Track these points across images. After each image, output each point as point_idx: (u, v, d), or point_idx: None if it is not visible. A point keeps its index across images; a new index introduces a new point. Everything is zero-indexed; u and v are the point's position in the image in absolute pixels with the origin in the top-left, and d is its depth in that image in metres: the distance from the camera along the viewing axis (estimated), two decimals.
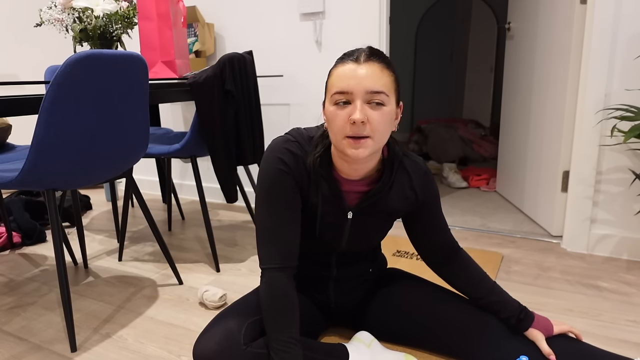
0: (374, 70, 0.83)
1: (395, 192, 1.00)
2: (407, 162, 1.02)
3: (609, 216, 1.84)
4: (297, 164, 0.96)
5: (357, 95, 0.83)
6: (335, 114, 0.86)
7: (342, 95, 0.84)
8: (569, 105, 1.91)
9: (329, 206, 0.98)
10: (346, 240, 1.04)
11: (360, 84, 0.82)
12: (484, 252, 1.90)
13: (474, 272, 1.09)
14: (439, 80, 4.94)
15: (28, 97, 1.15)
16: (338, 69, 0.86)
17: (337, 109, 0.85)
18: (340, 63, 0.87)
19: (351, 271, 1.15)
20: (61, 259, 1.29)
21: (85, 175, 1.35)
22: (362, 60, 0.84)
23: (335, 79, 0.86)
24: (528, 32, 2.31)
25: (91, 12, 1.51)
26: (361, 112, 0.82)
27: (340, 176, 0.98)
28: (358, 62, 0.84)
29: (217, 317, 1.03)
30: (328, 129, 0.90)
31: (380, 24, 2.16)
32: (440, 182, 3.17)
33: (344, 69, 0.85)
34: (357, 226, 1.01)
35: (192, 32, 2.53)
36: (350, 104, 0.84)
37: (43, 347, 1.31)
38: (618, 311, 1.42)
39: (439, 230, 1.10)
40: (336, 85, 0.85)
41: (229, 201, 1.83)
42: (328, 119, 0.88)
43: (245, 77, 1.83)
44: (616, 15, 1.69)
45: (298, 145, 0.97)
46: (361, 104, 0.83)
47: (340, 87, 0.84)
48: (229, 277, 1.75)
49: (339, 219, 1.00)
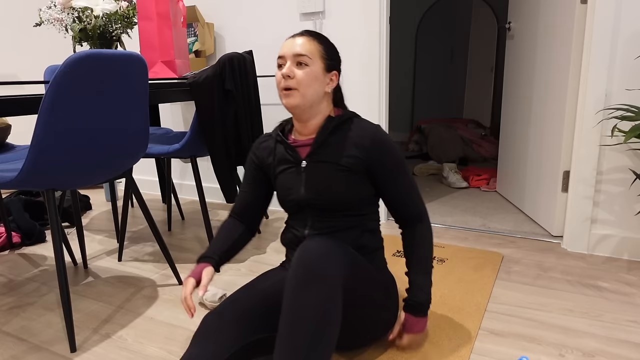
0: (301, 41, 1.12)
1: (342, 144, 1.15)
2: (357, 122, 1.17)
3: (609, 216, 1.84)
4: (260, 143, 1.27)
5: (288, 58, 1.12)
6: (276, 73, 1.15)
7: (280, 60, 1.14)
8: (569, 105, 1.90)
9: (285, 162, 1.20)
10: (303, 187, 1.16)
11: (290, 49, 1.11)
12: (484, 252, 1.90)
13: (416, 250, 1.19)
14: (439, 80, 4.93)
15: (28, 97, 1.15)
16: (283, 44, 1.16)
17: (278, 71, 1.14)
18: (285, 40, 1.17)
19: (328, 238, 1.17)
20: (61, 259, 1.28)
21: (85, 175, 1.35)
22: (296, 36, 1.14)
23: (280, 50, 1.19)
24: (528, 32, 2.30)
25: (91, 11, 1.50)
26: (288, 69, 1.10)
27: (295, 138, 1.22)
28: (294, 37, 1.14)
29: (195, 339, 1.01)
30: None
31: (380, 24, 2.16)
32: (440, 182, 3.17)
33: (285, 42, 1.15)
34: (311, 175, 1.16)
35: (192, 32, 2.53)
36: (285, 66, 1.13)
37: (43, 347, 1.31)
38: (618, 311, 1.42)
39: (398, 195, 1.17)
40: (278, 54, 1.15)
41: (229, 201, 1.83)
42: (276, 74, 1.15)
43: (245, 76, 1.82)
44: (616, 15, 1.69)
45: (275, 129, 1.26)
46: (290, 64, 1.11)
47: (279, 54, 1.15)
48: (229, 277, 1.75)
49: (295, 171, 1.19)
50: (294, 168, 1.18)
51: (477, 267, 1.75)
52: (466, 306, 1.45)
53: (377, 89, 2.22)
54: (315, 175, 1.15)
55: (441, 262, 1.81)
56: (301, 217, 1.19)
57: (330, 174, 1.14)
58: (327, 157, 1.14)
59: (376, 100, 2.24)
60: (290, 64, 1.11)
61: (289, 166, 1.19)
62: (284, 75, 1.10)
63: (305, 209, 1.18)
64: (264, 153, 1.25)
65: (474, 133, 3.97)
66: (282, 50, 1.13)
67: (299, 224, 1.20)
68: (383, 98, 2.24)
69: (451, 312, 1.42)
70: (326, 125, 1.16)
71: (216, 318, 1.03)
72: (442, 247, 1.97)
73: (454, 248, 1.95)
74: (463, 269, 1.74)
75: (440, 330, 1.32)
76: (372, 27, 2.17)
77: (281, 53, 1.13)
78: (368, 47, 2.20)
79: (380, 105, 2.24)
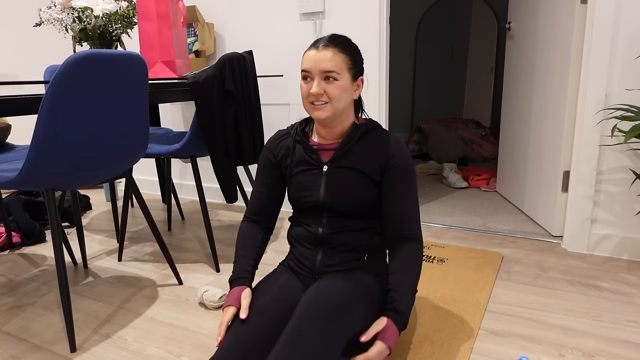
0: (327, 55, 1.10)
1: (365, 152, 1.17)
2: (381, 131, 1.19)
3: (609, 216, 1.84)
4: (277, 141, 1.26)
5: (315, 74, 1.11)
6: (302, 86, 1.15)
7: (306, 73, 1.13)
8: (569, 105, 1.90)
9: (303, 164, 1.21)
10: (323, 190, 1.17)
11: (317, 66, 1.10)
12: (484, 252, 1.90)
13: (407, 265, 1.14)
14: (439, 80, 4.93)
15: (28, 97, 1.15)
16: (305, 54, 1.14)
17: (304, 83, 1.14)
18: (308, 49, 1.15)
19: (341, 239, 1.17)
20: (61, 259, 1.28)
21: (85, 175, 1.35)
22: (320, 47, 1.11)
23: (303, 61, 1.15)
24: (528, 32, 2.30)
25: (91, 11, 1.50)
26: (317, 86, 1.10)
27: (316, 140, 1.22)
28: (317, 48, 1.11)
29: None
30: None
31: (380, 24, 2.16)
32: (440, 182, 3.17)
33: (308, 54, 1.13)
34: (332, 179, 1.17)
35: (192, 32, 2.53)
36: (312, 80, 1.12)
37: (42, 347, 1.31)
38: (618, 311, 1.42)
39: (402, 211, 1.15)
40: (302, 66, 1.14)
41: (229, 201, 1.83)
42: (300, 89, 1.15)
43: (245, 77, 1.82)
44: (616, 15, 1.69)
45: (290, 127, 1.27)
46: (318, 80, 1.11)
47: (304, 67, 1.13)
48: (228, 277, 1.75)
49: (316, 173, 1.19)
50: (315, 170, 1.19)
51: (477, 267, 1.75)
52: (466, 306, 1.45)
53: (377, 89, 2.22)
54: (336, 180, 1.16)
55: (441, 262, 1.81)
56: (315, 215, 1.20)
57: (351, 180, 1.15)
58: (349, 163, 1.16)
59: (376, 100, 2.23)
60: (318, 80, 1.10)
61: (309, 168, 1.20)
62: (314, 94, 1.10)
63: (321, 209, 1.19)
64: (282, 152, 1.25)
65: (474, 133, 3.97)
66: (307, 65, 1.12)
67: (312, 221, 1.21)
68: (383, 98, 2.24)
69: (451, 312, 1.42)
70: (352, 133, 1.17)
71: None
72: (442, 247, 1.96)
73: (454, 248, 1.95)
74: (463, 269, 1.74)
75: (440, 330, 1.32)
76: (372, 27, 2.17)
77: (307, 67, 1.12)
78: (368, 47, 2.20)
79: (380, 105, 2.24)
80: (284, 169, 1.25)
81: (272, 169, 1.26)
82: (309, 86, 1.12)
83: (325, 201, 1.17)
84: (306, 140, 1.21)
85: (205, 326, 1.40)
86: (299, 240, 1.24)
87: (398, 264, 1.14)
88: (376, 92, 2.23)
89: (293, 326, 0.98)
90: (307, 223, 1.22)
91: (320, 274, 1.18)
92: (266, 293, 1.13)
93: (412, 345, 1.24)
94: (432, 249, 1.94)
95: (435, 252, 1.92)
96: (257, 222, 1.29)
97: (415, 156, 4.04)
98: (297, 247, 1.25)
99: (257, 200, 1.29)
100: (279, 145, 1.25)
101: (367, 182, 1.16)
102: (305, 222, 1.22)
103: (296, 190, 1.21)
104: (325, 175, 1.18)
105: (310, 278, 1.19)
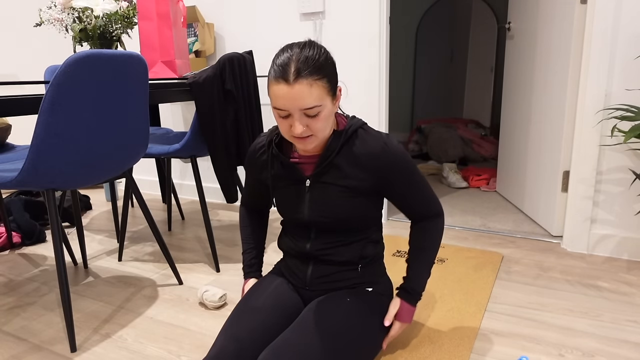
0: (303, 90, 0.92)
1: (349, 163, 1.06)
2: (364, 134, 1.07)
3: (609, 216, 1.84)
4: (256, 154, 1.18)
5: (294, 112, 0.94)
6: (280, 121, 0.99)
7: (282, 112, 0.96)
8: (569, 105, 1.90)
9: (283, 180, 1.13)
10: (307, 208, 1.10)
11: (294, 104, 0.93)
12: (484, 252, 1.90)
13: (424, 240, 1.17)
14: (439, 80, 4.93)
15: (28, 97, 1.15)
16: (273, 87, 0.95)
17: (280, 118, 0.98)
18: (275, 81, 0.94)
19: (332, 253, 1.13)
20: (61, 259, 1.29)
21: (85, 175, 1.35)
22: (291, 80, 0.92)
23: (273, 97, 0.96)
24: (528, 32, 2.31)
25: (91, 12, 1.51)
26: (300, 124, 0.95)
27: (294, 152, 1.12)
28: (288, 82, 0.92)
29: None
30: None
31: (380, 24, 2.16)
32: (440, 182, 3.17)
33: (278, 89, 0.93)
34: (317, 194, 1.09)
35: (192, 32, 2.53)
36: (290, 116, 0.96)
37: (43, 347, 1.31)
38: (618, 311, 1.42)
39: (414, 203, 1.13)
40: (274, 102, 0.96)
41: (229, 201, 1.83)
42: (276, 121, 1.03)
43: (245, 77, 1.83)
44: (616, 15, 1.69)
45: (265, 137, 1.16)
46: (299, 116, 0.95)
47: (277, 105, 0.95)
48: (229, 277, 1.75)
49: (298, 189, 1.11)
50: (297, 186, 1.12)
51: (477, 267, 1.75)
52: (466, 306, 1.46)
53: (377, 89, 2.22)
54: (320, 197, 1.09)
55: (441, 262, 1.81)
56: (303, 230, 1.16)
57: (336, 196, 1.07)
58: (332, 178, 1.07)
59: (376, 100, 2.24)
60: (299, 116, 0.95)
61: (290, 183, 1.12)
62: (297, 135, 0.97)
63: (309, 225, 1.14)
64: (259, 167, 1.18)
65: (474, 133, 3.97)
66: (282, 103, 0.94)
67: (301, 235, 1.16)
68: (383, 98, 2.24)
69: (451, 312, 1.42)
70: (333, 144, 1.06)
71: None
72: (442, 247, 1.97)
73: (453, 248, 1.96)
74: (463, 269, 1.74)
75: (440, 330, 1.32)
76: (372, 27, 2.18)
77: (282, 106, 0.94)
78: (368, 47, 2.20)
79: (380, 105, 2.24)
80: (266, 181, 1.18)
81: (258, 179, 1.21)
82: (288, 122, 0.97)
83: (312, 218, 1.11)
84: (283, 156, 1.11)
85: (205, 326, 1.40)
86: (288, 252, 1.21)
87: (417, 241, 1.17)
88: (376, 92, 2.23)
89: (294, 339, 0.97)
90: (295, 236, 1.17)
91: (311, 286, 1.16)
92: (262, 293, 1.14)
93: (412, 345, 1.24)
94: None
95: None
96: (254, 208, 1.33)
97: (415, 156, 4.05)
98: (287, 257, 1.23)
99: (248, 193, 1.30)
100: (258, 161, 1.18)
101: (355, 195, 1.07)
102: (294, 234, 1.18)
103: (281, 205, 1.16)
104: (309, 192, 1.09)
105: (302, 288, 1.18)
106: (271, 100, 0.98)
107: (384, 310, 1.15)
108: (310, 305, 1.09)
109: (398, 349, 1.23)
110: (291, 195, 1.13)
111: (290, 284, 1.20)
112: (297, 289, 1.19)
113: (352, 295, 1.12)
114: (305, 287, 1.17)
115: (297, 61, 0.93)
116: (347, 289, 1.15)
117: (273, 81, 0.95)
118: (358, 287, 1.17)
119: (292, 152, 1.13)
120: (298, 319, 1.05)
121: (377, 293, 1.18)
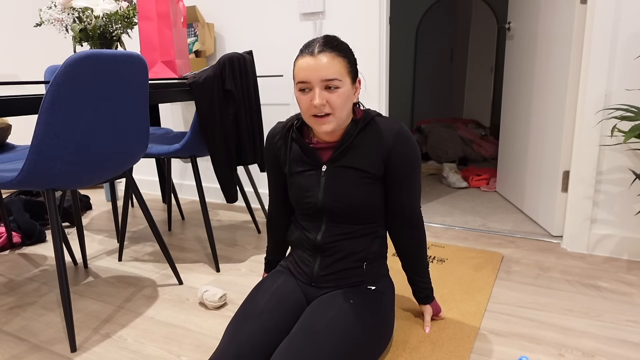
0: (326, 61, 1.00)
1: (365, 147, 1.11)
2: (380, 120, 1.13)
3: (609, 216, 1.84)
4: (275, 138, 1.21)
5: (315, 84, 1.01)
6: (301, 99, 1.05)
7: (304, 84, 1.03)
8: (569, 105, 1.90)
9: (301, 164, 1.16)
10: (322, 192, 1.13)
11: (316, 74, 1.00)
12: (484, 252, 1.90)
13: (419, 253, 1.25)
14: (439, 80, 4.93)
15: (28, 97, 1.15)
16: (298, 61, 1.03)
17: (302, 95, 1.04)
18: (300, 56, 1.04)
19: (340, 247, 1.15)
20: (61, 259, 1.29)
21: (85, 175, 1.35)
22: (315, 52, 1.01)
23: (297, 71, 1.04)
24: (528, 32, 2.31)
25: (91, 12, 1.51)
26: (320, 97, 1.01)
27: (315, 138, 1.15)
28: (313, 54, 1.01)
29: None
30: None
31: (380, 24, 2.16)
32: (440, 182, 3.17)
33: (302, 61, 1.02)
34: (332, 180, 1.13)
35: (192, 32, 2.53)
36: (311, 91, 1.03)
37: (43, 347, 1.31)
38: (618, 311, 1.42)
39: (406, 198, 1.16)
40: (298, 76, 1.04)
41: (229, 201, 1.83)
42: (297, 101, 1.08)
43: (245, 77, 1.83)
44: (616, 15, 1.69)
45: (284, 123, 1.20)
46: (319, 90, 1.01)
47: (300, 78, 1.03)
48: (229, 277, 1.75)
49: (315, 173, 1.15)
50: (314, 171, 1.15)
51: (477, 267, 1.75)
52: (466, 306, 1.46)
53: (377, 89, 2.22)
54: (336, 181, 1.12)
55: (441, 262, 1.81)
56: (315, 220, 1.18)
57: (351, 182, 1.11)
58: (349, 162, 1.11)
59: (376, 100, 2.24)
60: (319, 90, 1.01)
61: (307, 169, 1.16)
62: (317, 105, 1.01)
63: (321, 212, 1.16)
64: (280, 150, 1.21)
65: (474, 133, 3.97)
66: (305, 74, 1.01)
67: (311, 226, 1.18)
68: (383, 98, 2.24)
69: (451, 312, 1.42)
70: (351, 131, 1.11)
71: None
72: (442, 247, 1.97)
73: (453, 248, 1.96)
74: (463, 269, 1.74)
75: (440, 330, 1.32)
76: (372, 27, 2.18)
77: (304, 77, 1.01)
78: (368, 47, 2.20)
79: (380, 105, 2.24)
80: (284, 166, 1.22)
81: (276, 167, 1.24)
82: (308, 97, 1.03)
83: (325, 203, 1.13)
84: (303, 139, 1.16)
85: (205, 326, 1.40)
86: (298, 245, 1.23)
87: (411, 251, 1.24)
88: (376, 92, 2.23)
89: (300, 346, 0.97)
90: (306, 228, 1.20)
91: (317, 282, 1.18)
92: (263, 295, 1.13)
93: (412, 345, 1.25)
94: (432, 249, 1.94)
95: (435, 252, 1.92)
96: (278, 217, 1.33)
97: None
98: (296, 250, 1.25)
99: (274, 202, 1.31)
100: (277, 143, 1.22)
101: (370, 181, 1.12)
102: (305, 226, 1.20)
103: (295, 192, 1.18)
104: (324, 176, 1.13)
105: (307, 284, 1.19)
106: (295, 77, 1.05)
107: (385, 310, 1.16)
108: (313, 306, 1.09)
109: (398, 348, 1.23)
110: (307, 181, 1.16)
111: (295, 279, 1.21)
112: (301, 286, 1.20)
113: (355, 295, 1.13)
114: (311, 283, 1.18)
115: (322, 40, 1.04)
116: (349, 288, 1.17)
117: (299, 57, 1.04)
118: (360, 285, 1.18)
119: (311, 138, 1.17)
120: (302, 320, 1.05)
121: (378, 291, 1.18)
